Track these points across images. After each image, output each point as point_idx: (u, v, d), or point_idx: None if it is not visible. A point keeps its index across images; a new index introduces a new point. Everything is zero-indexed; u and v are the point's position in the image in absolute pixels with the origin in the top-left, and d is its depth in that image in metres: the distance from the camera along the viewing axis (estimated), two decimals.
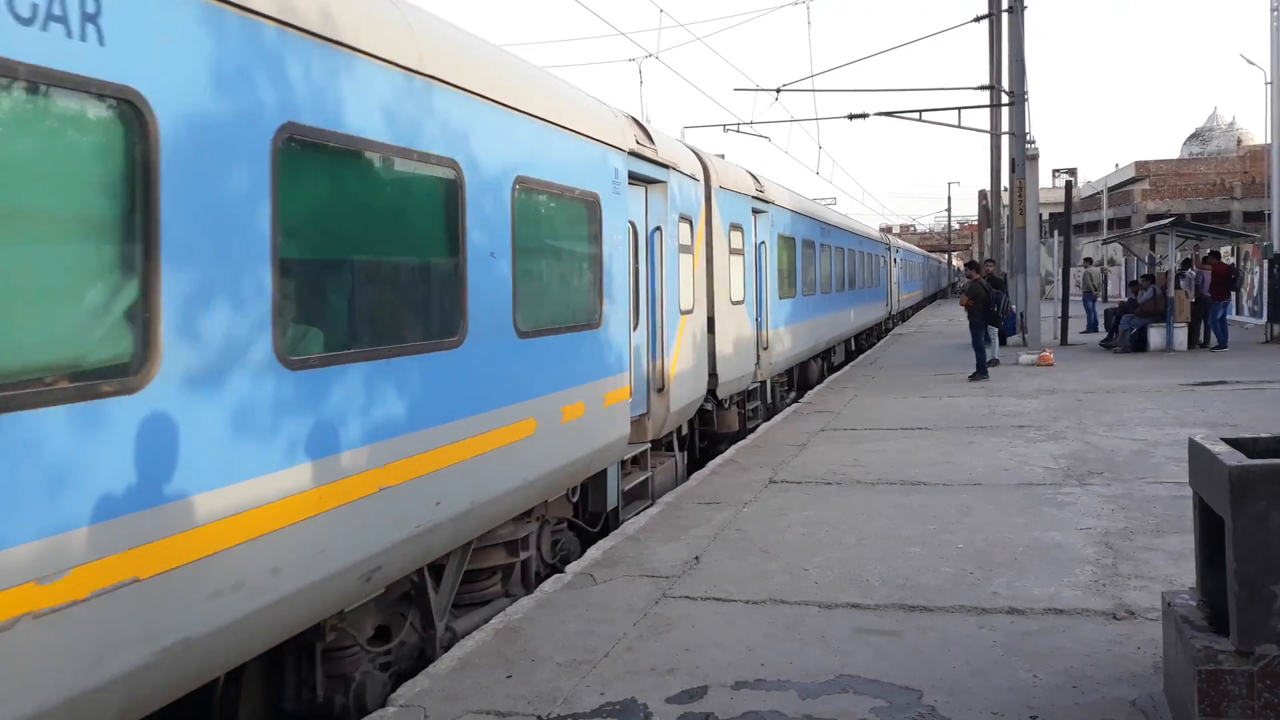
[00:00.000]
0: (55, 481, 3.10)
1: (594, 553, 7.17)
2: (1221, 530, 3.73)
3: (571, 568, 6.81)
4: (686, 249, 10.17)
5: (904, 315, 44.95)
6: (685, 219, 10.16)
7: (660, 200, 9.33)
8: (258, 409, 3.94)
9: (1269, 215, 27.70)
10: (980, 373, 17.22)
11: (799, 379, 18.35)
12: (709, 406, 11.72)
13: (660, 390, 9.20)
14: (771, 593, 6.08)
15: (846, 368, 21.55)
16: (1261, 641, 3.62)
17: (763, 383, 14.53)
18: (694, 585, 6.30)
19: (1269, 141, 28.21)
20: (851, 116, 22.82)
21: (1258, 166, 52.07)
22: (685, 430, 11.06)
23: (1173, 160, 63.54)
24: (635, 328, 8.60)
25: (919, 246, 74.93)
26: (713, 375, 11.37)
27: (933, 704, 4.42)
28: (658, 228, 9.22)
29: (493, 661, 5.15)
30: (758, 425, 13.42)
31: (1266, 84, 28.50)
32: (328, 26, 4.43)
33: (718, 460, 10.80)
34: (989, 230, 37.86)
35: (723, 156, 14.78)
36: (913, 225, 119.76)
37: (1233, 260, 27.23)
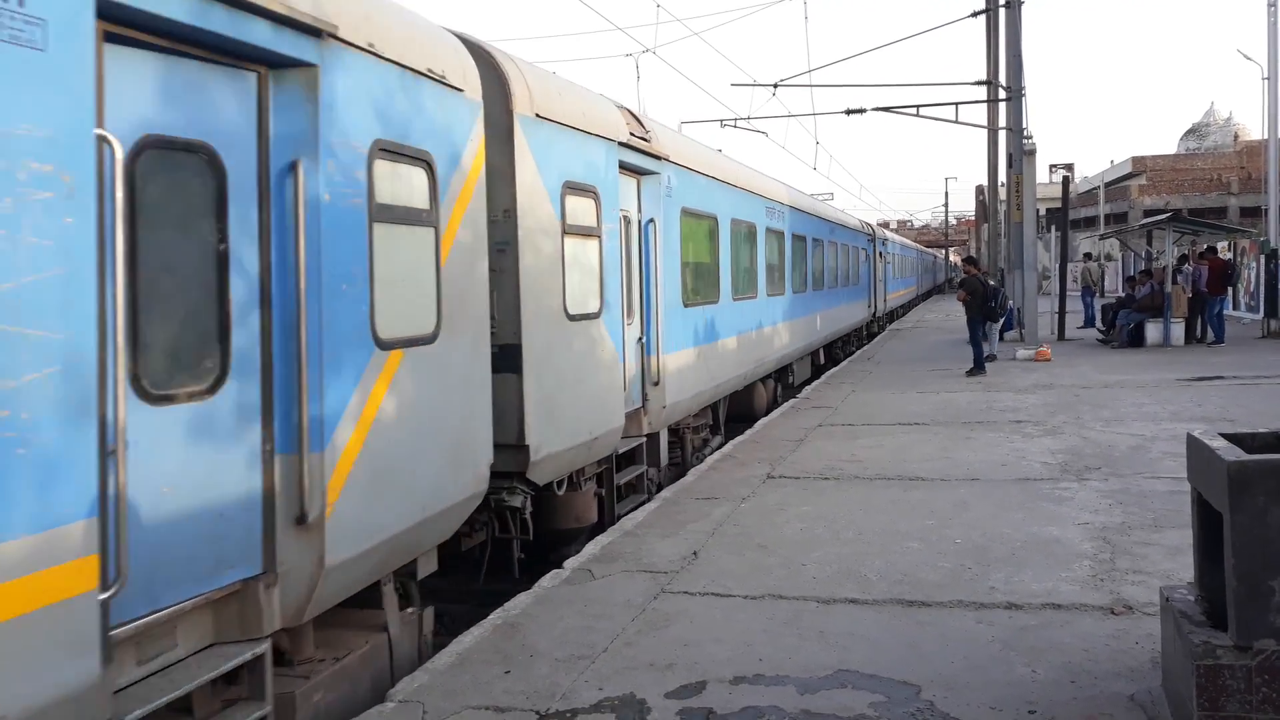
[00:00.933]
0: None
1: (592, 548, 7.17)
2: (1220, 525, 3.73)
3: (570, 563, 6.80)
4: (410, 216, 5.44)
5: (893, 316, 39.31)
6: (411, 158, 5.45)
7: (302, 108, 4.59)
8: None
9: (1265, 210, 27.74)
10: (977, 368, 17.23)
11: (736, 410, 13.70)
12: (517, 503, 6.95)
13: (302, 522, 4.47)
14: (770, 588, 6.09)
15: (844, 363, 21.54)
16: (1260, 636, 3.62)
17: (653, 435, 9.72)
18: (692, 580, 6.31)
19: (1265, 137, 28.24)
20: (849, 112, 22.82)
21: (1254, 162, 52.10)
22: (436, 562, 5.95)
23: (1169, 155, 63.58)
24: (212, 390, 4.22)
25: (916, 242, 74.59)
26: (519, 447, 6.76)
27: (931, 699, 4.42)
28: (292, 164, 4.51)
29: (491, 657, 5.15)
30: (641, 505, 8.70)
31: (1263, 79, 28.52)
32: None
33: (715, 455, 10.80)
34: (986, 225, 37.85)
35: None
36: (910, 220, 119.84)
37: (1229, 255, 27.26)
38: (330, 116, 4.71)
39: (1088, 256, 32.67)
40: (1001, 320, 20.08)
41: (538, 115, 7.21)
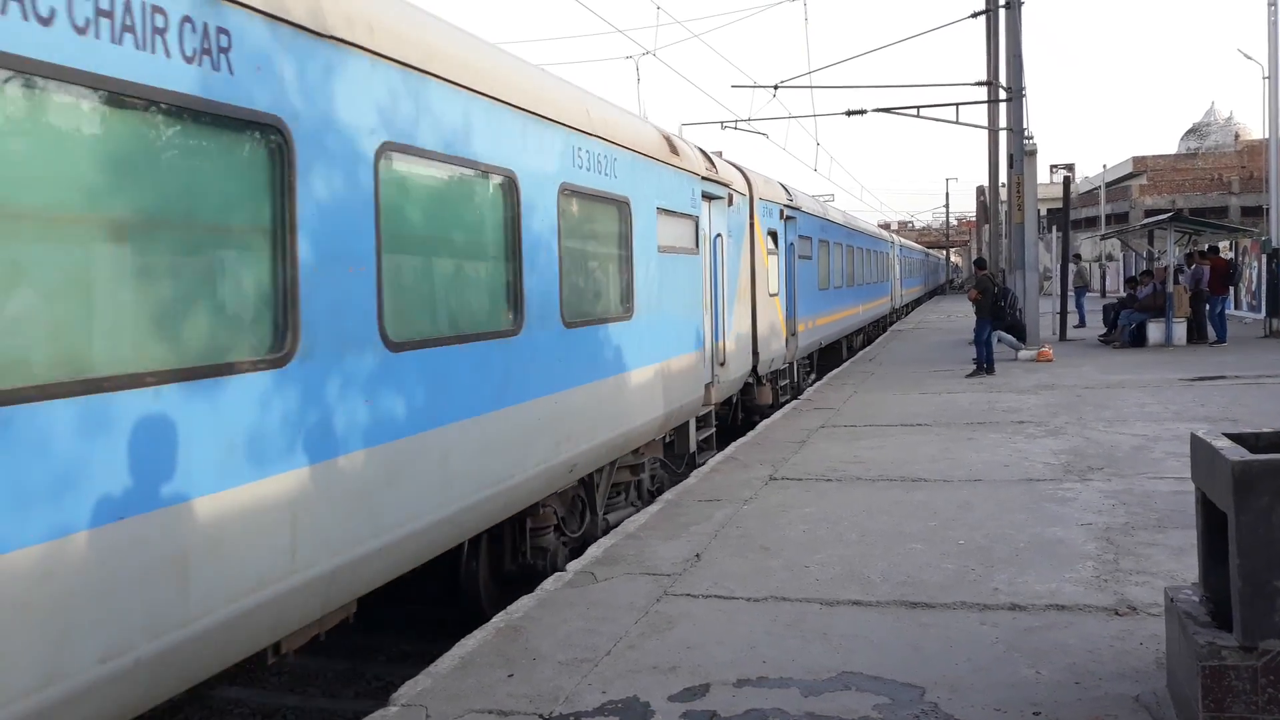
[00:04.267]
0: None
1: (595, 551, 7.17)
2: (1224, 525, 3.72)
3: (572, 566, 6.80)
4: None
5: (825, 365, 20.96)
6: None
7: None
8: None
9: (1267, 210, 27.72)
10: (981, 369, 17.18)
11: None
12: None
13: None
14: (773, 590, 6.07)
15: (846, 364, 21.50)
16: (1265, 637, 3.61)
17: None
18: (695, 583, 6.30)
19: (1266, 136, 28.22)
20: (849, 113, 22.78)
21: (1255, 161, 52.10)
22: None
23: (1170, 155, 63.56)
24: None
25: (918, 242, 73.77)
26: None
27: (935, 700, 4.41)
28: None
29: (494, 660, 5.14)
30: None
31: (1264, 78, 28.50)
32: None
33: (718, 457, 10.79)
34: (987, 226, 37.80)
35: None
36: (911, 221, 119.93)
37: (1231, 255, 27.25)
38: None
39: (1077, 258, 32.56)
40: (1008, 321, 19.56)
41: None
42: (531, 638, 5.43)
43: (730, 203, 12.40)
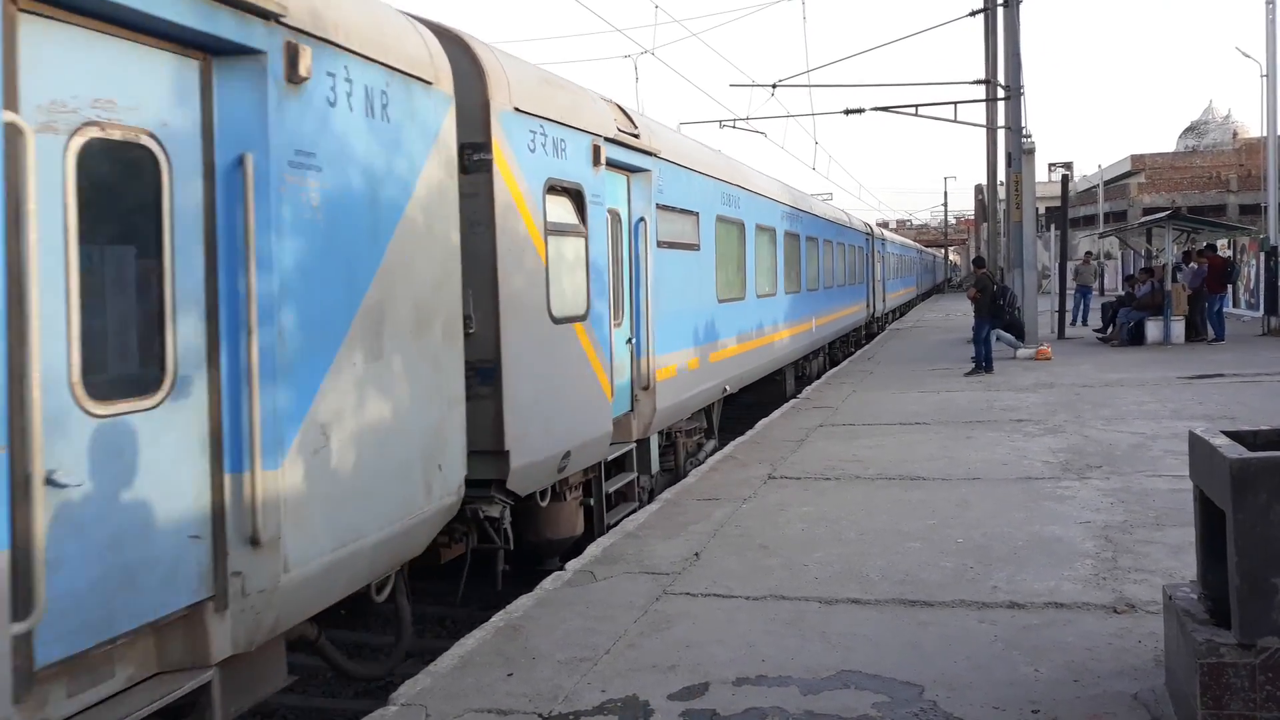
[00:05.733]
0: None
1: (594, 550, 7.17)
2: (1222, 523, 3.72)
3: (571, 565, 6.80)
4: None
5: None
6: None
7: None
8: None
9: (1265, 208, 27.75)
10: (980, 367, 17.18)
11: None
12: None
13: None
14: (772, 589, 6.08)
15: (844, 363, 21.52)
16: (1263, 634, 3.62)
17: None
18: (694, 582, 6.30)
19: (1264, 134, 28.25)
20: (848, 111, 22.78)
21: (1254, 159, 52.07)
22: None
23: (1168, 154, 63.53)
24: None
25: (916, 240, 73.49)
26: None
27: (934, 699, 4.42)
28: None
29: (493, 660, 5.14)
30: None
31: (1262, 76, 28.52)
32: None
33: (716, 456, 10.80)
34: (985, 225, 37.81)
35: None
36: (909, 220, 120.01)
37: (1229, 253, 27.28)
38: None
39: (1089, 255, 32.68)
40: (1007, 319, 19.53)
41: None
42: (531, 637, 5.44)
43: (326, 80, 4.64)
